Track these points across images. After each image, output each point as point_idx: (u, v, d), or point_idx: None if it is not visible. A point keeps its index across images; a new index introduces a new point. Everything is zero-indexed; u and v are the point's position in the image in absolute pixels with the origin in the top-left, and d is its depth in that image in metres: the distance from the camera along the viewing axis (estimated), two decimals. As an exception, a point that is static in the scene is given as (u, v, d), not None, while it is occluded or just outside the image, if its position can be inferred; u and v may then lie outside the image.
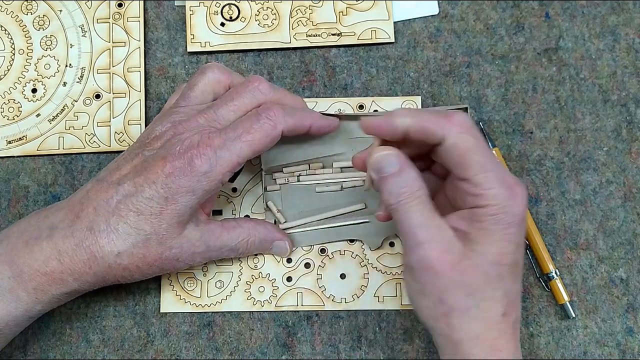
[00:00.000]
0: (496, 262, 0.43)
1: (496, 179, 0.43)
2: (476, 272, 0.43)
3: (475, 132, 0.44)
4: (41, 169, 0.57)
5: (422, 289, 0.44)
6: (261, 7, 0.59)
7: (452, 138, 0.44)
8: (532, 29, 0.59)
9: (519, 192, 0.44)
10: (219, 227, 0.51)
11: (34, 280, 0.47)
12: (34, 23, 0.58)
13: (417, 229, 0.44)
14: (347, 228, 0.55)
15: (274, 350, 0.54)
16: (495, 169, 0.44)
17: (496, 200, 0.43)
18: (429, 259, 0.43)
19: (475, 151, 0.44)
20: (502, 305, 0.44)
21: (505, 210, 0.43)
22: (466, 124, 0.44)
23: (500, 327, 0.44)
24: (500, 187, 0.43)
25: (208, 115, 0.49)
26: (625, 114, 0.58)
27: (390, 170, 0.45)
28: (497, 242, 0.43)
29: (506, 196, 0.43)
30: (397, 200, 0.44)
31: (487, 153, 0.44)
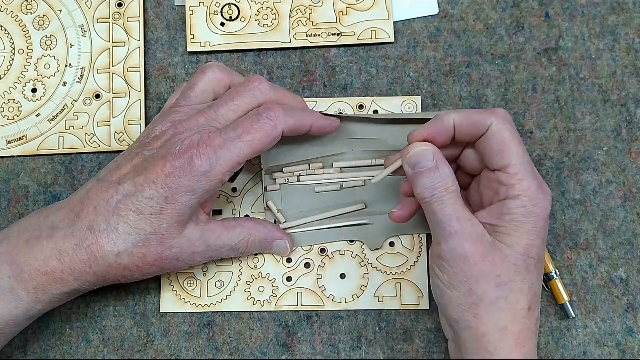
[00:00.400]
0: (525, 254, 0.45)
1: (530, 172, 0.46)
2: (506, 263, 0.45)
3: (515, 127, 0.47)
4: (41, 169, 0.57)
5: (452, 280, 0.46)
6: (261, 7, 0.59)
7: (496, 126, 0.46)
8: (532, 29, 0.59)
9: (547, 190, 0.46)
10: (219, 227, 0.51)
11: (34, 280, 0.47)
12: (34, 23, 0.58)
13: (451, 220, 0.45)
14: (347, 228, 0.55)
15: (274, 350, 0.54)
16: (530, 164, 0.46)
17: (529, 192, 0.45)
18: (462, 248, 0.45)
19: (514, 142, 0.46)
20: (528, 299, 0.45)
21: (535, 203, 0.45)
22: (508, 118, 0.47)
23: (525, 322, 0.45)
24: (533, 180, 0.46)
25: (208, 115, 0.49)
26: (625, 114, 0.58)
27: (427, 164, 0.47)
28: (526, 235, 0.45)
29: (537, 190, 0.46)
30: (432, 194, 0.46)
31: (524, 148, 0.46)
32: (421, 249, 0.55)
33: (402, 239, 0.55)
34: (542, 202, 0.46)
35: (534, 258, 0.46)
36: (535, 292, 0.46)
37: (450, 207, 0.46)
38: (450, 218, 0.45)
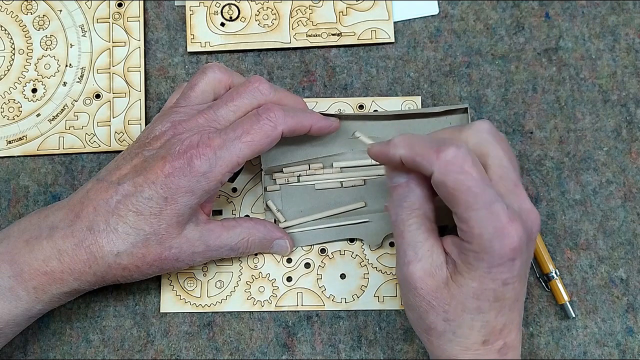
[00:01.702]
0: (476, 296, 0.43)
1: (483, 219, 0.42)
2: (454, 301, 0.44)
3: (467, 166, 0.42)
4: (41, 169, 0.57)
5: (406, 302, 0.46)
6: (261, 7, 0.59)
7: (439, 175, 0.42)
8: (532, 29, 0.59)
9: (511, 232, 0.42)
10: (219, 227, 0.51)
11: (34, 280, 0.47)
12: (34, 23, 0.58)
13: (407, 248, 0.45)
14: (347, 227, 0.55)
15: (274, 350, 0.54)
16: (485, 207, 0.42)
17: (479, 240, 0.42)
18: (413, 278, 0.44)
19: (462, 189, 0.42)
20: (482, 334, 0.44)
21: (488, 251, 0.42)
22: (456, 161, 0.42)
23: (479, 353, 0.44)
24: (487, 227, 0.42)
25: (208, 115, 0.49)
26: (625, 114, 0.58)
27: (399, 180, 0.46)
28: (479, 279, 0.43)
29: (491, 237, 0.42)
30: (397, 213, 0.45)
31: (478, 189, 0.42)
32: (421, 249, 0.55)
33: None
34: (498, 249, 0.42)
35: (488, 300, 0.43)
36: (495, 327, 0.44)
37: (412, 233, 0.45)
38: (407, 245, 0.45)
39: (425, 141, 0.44)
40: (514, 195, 0.44)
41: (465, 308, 0.44)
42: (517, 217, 0.42)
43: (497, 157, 0.44)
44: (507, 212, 0.42)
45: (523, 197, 0.44)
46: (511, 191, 0.44)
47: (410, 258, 0.45)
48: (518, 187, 0.44)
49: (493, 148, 0.44)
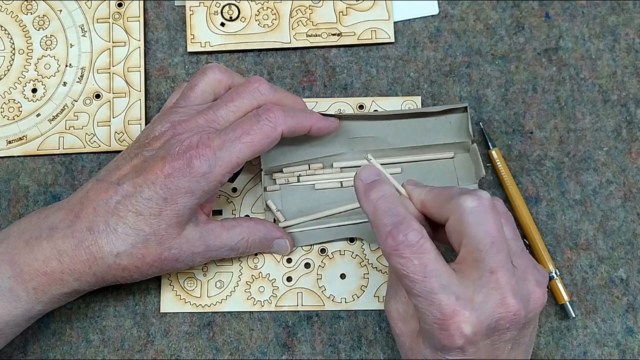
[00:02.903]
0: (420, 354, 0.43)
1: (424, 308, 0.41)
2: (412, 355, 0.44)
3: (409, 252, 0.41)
4: (41, 169, 0.57)
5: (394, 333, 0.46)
6: (261, 7, 0.59)
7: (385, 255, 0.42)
8: (532, 29, 0.59)
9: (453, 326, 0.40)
10: (219, 227, 0.51)
11: (34, 280, 0.47)
12: (34, 23, 0.58)
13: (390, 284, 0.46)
14: (347, 226, 0.55)
15: (274, 350, 0.54)
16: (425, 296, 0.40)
17: (424, 326, 0.42)
18: (389, 314, 0.45)
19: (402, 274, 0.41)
20: None
21: (432, 336, 0.41)
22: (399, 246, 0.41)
23: None
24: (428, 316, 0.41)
25: (208, 115, 0.49)
26: (625, 114, 0.58)
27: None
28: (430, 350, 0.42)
29: (432, 328, 0.41)
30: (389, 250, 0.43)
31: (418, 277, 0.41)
32: (421, 249, 0.55)
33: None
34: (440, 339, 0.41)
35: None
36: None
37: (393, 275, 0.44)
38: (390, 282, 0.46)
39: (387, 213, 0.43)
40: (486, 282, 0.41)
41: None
42: (471, 310, 0.40)
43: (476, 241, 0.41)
44: (453, 305, 0.40)
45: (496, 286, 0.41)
46: (484, 278, 0.41)
47: (390, 295, 0.45)
48: (495, 274, 0.41)
49: (474, 230, 0.42)
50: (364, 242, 0.55)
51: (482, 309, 0.41)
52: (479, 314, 0.41)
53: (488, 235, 0.41)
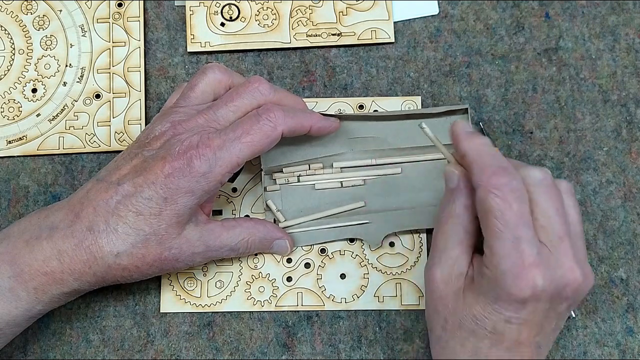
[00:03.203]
0: (475, 320, 0.44)
1: (506, 252, 0.42)
2: (456, 314, 0.45)
3: (511, 197, 0.42)
4: (41, 169, 0.57)
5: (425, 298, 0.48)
6: (261, 7, 0.59)
7: (481, 192, 0.43)
8: (532, 29, 0.59)
9: (528, 276, 0.42)
10: (219, 227, 0.51)
11: (34, 280, 0.47)
12: (34, 23, 0.58)
13: (435, 250, 0.46)
14: (347, 227, 0.55)
15: (274, 350, 0.54)
16: (511, 241, 0.42)
17: (495, 270, 0.42)
18: (430, 279, 0.46)
19: (497, 215, 0.42)
20: (469, 355, 0.44)
21: (499, 284, 0.42)
22: (503, 188, 0.42)
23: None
24: (507, 261, 0.42)
25: (208, 115, 0.49)
26: (625, 114, 0.58)
27: (449, 185, 0.46)
28: (482, 304, 0.43)
29: (507, 272, 0.42)
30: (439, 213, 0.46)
31: (512, 221, 0.42)
32: (421, 248, 0.55)
33: (402, 239, 0.55)
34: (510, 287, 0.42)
35: (485, 328, 0.43)
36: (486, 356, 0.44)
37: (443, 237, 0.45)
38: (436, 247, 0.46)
39: (493, 157, 0.44)
40: (555, 248, 0.43)
41: (462, 325, 0.44)
42: (546, 267, 0.42)
43: (544, 208, 0.43)
44: (534, 257, 0.42)
45: (565, 253, 0.43)
46: (553, 244, 0.43)
47: (435, 261, 0.46)
48: (563, 242, 0.43)
49: (543, 199, 0.44)
50: (364, 242, 0.55)
51: (555, 270, 0.42)
52: (553, 273, 0.42)
53: (553, 204, 0.43)
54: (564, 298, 0.43)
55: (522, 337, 0.43)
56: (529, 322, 0.43)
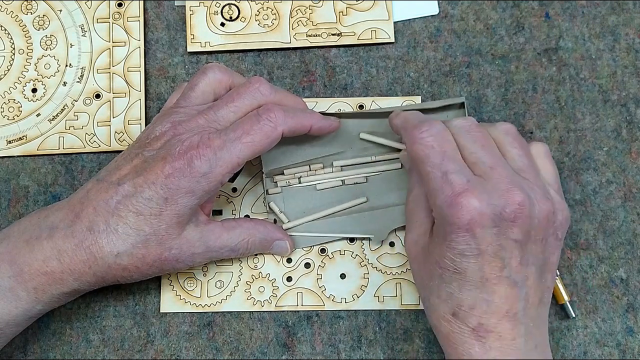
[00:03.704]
0: (438, 264, 0.46)
1: (438, 187, 0.45)
2: (424, 268, 0.48)
3: (432, 140, 0.46)
4: (41, 169, 0.57)
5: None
6: (261, 7, 0.59)
7: (408, 145, 0.47)
8: (532, 29, 0.59)
9: (463, 202, 0.44)
10: (219, 228, 0.51)
11: (34, 280, 0.47)
12: (34, 23, 0.58)
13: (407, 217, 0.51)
14: (349, 223, 0.55)
15: (274, 350, 0.54)
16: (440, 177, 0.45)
17: (435, 208, 0.45)
18: (406, 245, 0.50)
19: (423, 159, 0.46)
20: (449, 305, 0.46)
21: (443, 219, 0.45)
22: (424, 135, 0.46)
23: (452, 326, 0.46)
24: (441, 195, 0.45)
25: (208, 115, 0.49)
26: (625, 114, 0.58)
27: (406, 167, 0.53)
28: (439, 246, 0.46)
29: (444, 205, 0.44)
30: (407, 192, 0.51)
31: (437, 160, 0.45)
32: (421, 249, 0.55)
33: (402, 239, 0.55)
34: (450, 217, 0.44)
35: (447, 269, 0.45)
36: (460, 300, 0.45)
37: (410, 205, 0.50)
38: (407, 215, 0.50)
39: (415, 117, 0.49)
40: (489, 175, 0.45)
41: (432, 275, 0.46)
42: (480, 191, 0.44)
43: (470, 147, 0.46)
44: (464, 184, 0.44)
45: (500, 178, 0.45)
46: (486, 173, 0.45)
47: (407, 229, 0.50)
48: (496, 169, 0.45)
49: (466, 139, 0.47)
50: (364, 242, 0.55)
51: (489, 192, 0.44)
52: (488, 195, 0.44)
53: (477, 141, 0.47)
54: (509, 220, 0.44)
55: (486, 272, 0.44)
56: (485, 253, 0.44)
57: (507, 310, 0.45)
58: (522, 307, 0.45)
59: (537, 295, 0.46)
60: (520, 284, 0.45)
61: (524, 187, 0.45)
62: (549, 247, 0.47)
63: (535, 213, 0.45)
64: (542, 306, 0.47)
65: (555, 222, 0.47)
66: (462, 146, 0.47)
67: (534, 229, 0.45)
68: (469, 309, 0.45)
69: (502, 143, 0.48)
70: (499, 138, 0.48)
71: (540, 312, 0.47)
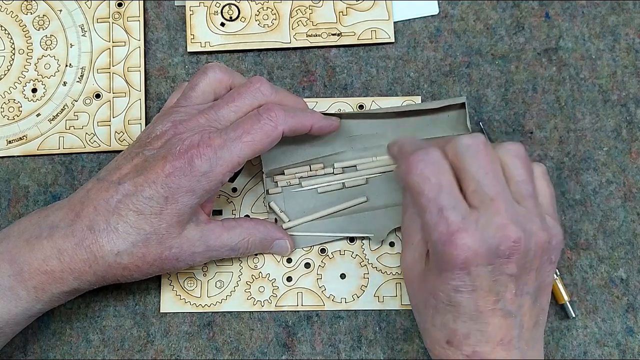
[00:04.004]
0: (433, 295, 0.45)
1: (434, 223, 0.43)
2: (419, 294, 0.47)
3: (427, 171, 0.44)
4: (41, 169, 0.57)
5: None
6: (261, 7, 0.59)
7: (402, 175, 0.45)
8: (532, 29, 0.59)
9: (459, 240, 0.42)
10: (219, 227, 0.51)
11: (34, 279, 0.47)
12: (33, 23, 0.58)
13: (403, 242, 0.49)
14: (350, 223, 0.55)
15: (274, 350, 0.54)
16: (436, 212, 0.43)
17: (431, 243, 0.44)
18: (402, 265, 0.49)
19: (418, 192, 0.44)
20: (444, 333, 0.45)
21: (438, 255, 0.44)
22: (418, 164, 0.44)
23: (446, 352, 0.45)
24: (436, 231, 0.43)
25: (209, 115, 0.49)
26: (625, 114, 0.58)
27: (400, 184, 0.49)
28: (433, 278, 0.45)
29: (439, 242, 0.43)
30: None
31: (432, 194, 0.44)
32: (421, 249, 0.55)
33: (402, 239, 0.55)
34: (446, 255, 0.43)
35: (441, 301, 0.45)
36: (454, 330, 0.45)
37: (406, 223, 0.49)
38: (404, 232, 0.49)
39: (411, 144, 0.47)
40: (487, 209, 0.43)
41: (426, 304, 0.46)
42: (474, 229, 0.43)
43: (473, 172, 0.44)
44: (459, 222, 0.43)
45: (497, 212, 0.43)
46: (485, 205, 0.43)
47: (403, 249, 0.49)
48: (495, 201, 0.43)
49: (470, 163, 0.44)
50: (364, 242, 0.55)
51: (484, 230, 0.43)
52: (482, 233, 0.43)
53: (482, 167, 0.44)
54: (504, 257, 0.43)
55: (480, 305, 0.44)
56: (479, 289, 0.44)
57: (502, 338, 0.44)
58: (517, 334, 0.45)
59: (532, 319, 0.46)
60: (515, 313, 0.45)
61: (521, 220, 0.44)
62: (543, 272, 0.46)
63: (532, 246, 0.44)
64: (538, 327, 0.46)
65: (549, 249, 0.45)
66: (465, 170, 0.44)
67: (529, 262, 0.44)
68: (463, 338, 0.45)
69: (508, 166, 0.45)
70: (505, 159, 0.46)
71: (534, 334, 0.46)
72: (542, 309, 0.47)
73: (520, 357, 0.45)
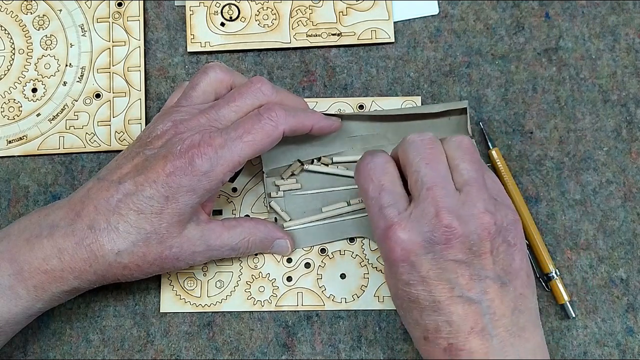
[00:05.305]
0: (395, 296, 0.47)
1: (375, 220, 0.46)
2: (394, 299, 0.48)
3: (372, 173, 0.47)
4: (41, 169, 0.57)
5: None
6: (261, 7, 0.59)
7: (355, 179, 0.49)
8: (532, 29, 0.59)
9: (391, 235, 0.45)
10: (220, 227, 0.51)
11: (34, 278, 0.47)
12: (33, 23, 0.58)
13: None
14: (350, 223, 0.55)
15: (274, 350, 0.54)
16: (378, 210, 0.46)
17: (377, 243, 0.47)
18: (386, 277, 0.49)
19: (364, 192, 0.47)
20: (419, 330, 0.46)
21: (382, 253, 0.46)
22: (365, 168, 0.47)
23: (427, 349, 0.46)
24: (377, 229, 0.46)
25: (209, 114, 0.49)
26: (625, 114, 0.58)
27: None
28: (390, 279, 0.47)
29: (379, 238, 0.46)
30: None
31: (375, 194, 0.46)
32: (421, 248, 0.55)
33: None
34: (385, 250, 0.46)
35: (404, 299, 0.46)
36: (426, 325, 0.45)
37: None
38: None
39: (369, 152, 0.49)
40: (423, 200, 0.45)
41: (399, 305, 0.47)
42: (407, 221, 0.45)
43: (414, 164, 0.46)
44: (397, 216, 0.45)
45: (433, 202, 0.45)
46: (421, 196, 0.45)
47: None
48: (431, 190, 0.45)
49: (411, 156, 0.47)
50: (364, 242, 0.55)
51: (417, 220, 0.45)
52: (415, 224, 0.45)
53: (423, 159, 0.46)
54: (441, 244, 0.44)
55: (435, 295, 0.45)
56: (428, 279, 0.45)
57: (472, 326, 0.44)
58: (489, 320, 0.44)
59: (506, 305, 0.45)
60: (478, 299, 0.45)
61: (455, 207, 0.45)
62: (501, 255, 0.46)
63: (472, 229, 0.44)
64: (519, 314, 0.45)
65: (499, 231, 0.45)
66: (409, 164, 0.47)
67: (474, 245, 0.45)
68: (434, 332, 0.45)
69: (453, 157, 0.47)
70: (450, 152, 0.47)
71: (517, 321, 0.45)
72: (519, 294, 0.46)
73: (501, 345, 0.44)
